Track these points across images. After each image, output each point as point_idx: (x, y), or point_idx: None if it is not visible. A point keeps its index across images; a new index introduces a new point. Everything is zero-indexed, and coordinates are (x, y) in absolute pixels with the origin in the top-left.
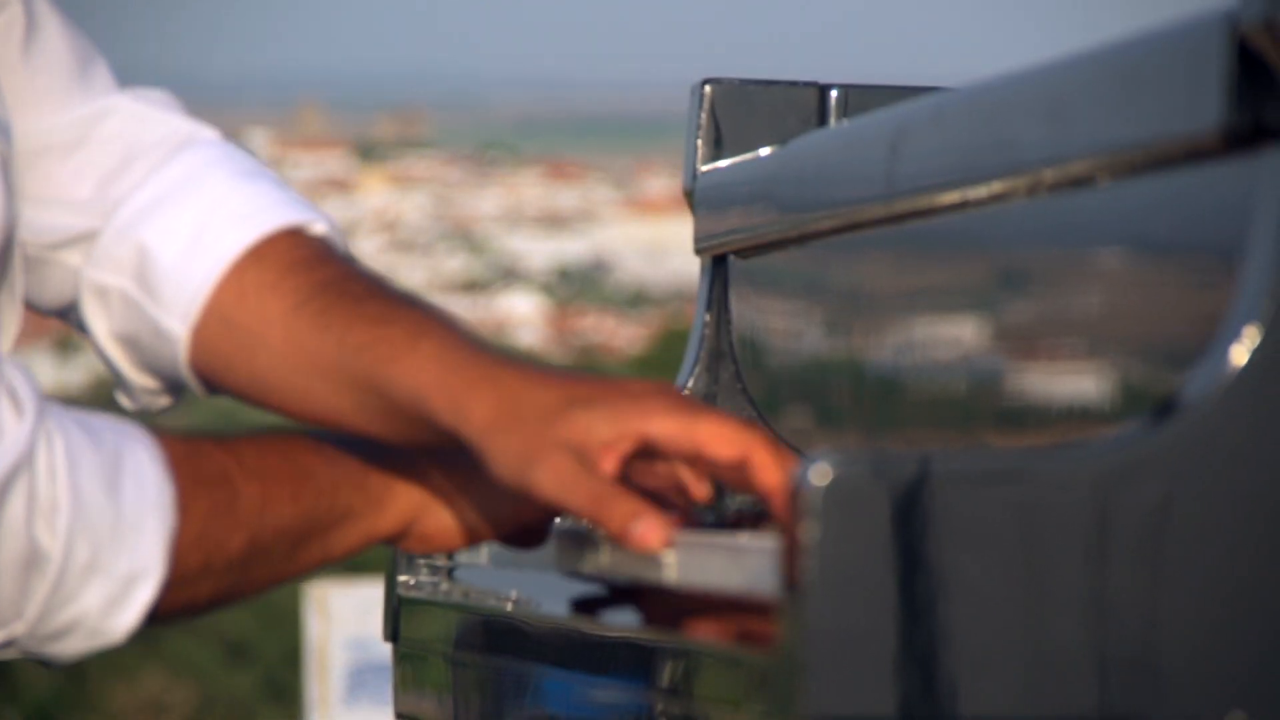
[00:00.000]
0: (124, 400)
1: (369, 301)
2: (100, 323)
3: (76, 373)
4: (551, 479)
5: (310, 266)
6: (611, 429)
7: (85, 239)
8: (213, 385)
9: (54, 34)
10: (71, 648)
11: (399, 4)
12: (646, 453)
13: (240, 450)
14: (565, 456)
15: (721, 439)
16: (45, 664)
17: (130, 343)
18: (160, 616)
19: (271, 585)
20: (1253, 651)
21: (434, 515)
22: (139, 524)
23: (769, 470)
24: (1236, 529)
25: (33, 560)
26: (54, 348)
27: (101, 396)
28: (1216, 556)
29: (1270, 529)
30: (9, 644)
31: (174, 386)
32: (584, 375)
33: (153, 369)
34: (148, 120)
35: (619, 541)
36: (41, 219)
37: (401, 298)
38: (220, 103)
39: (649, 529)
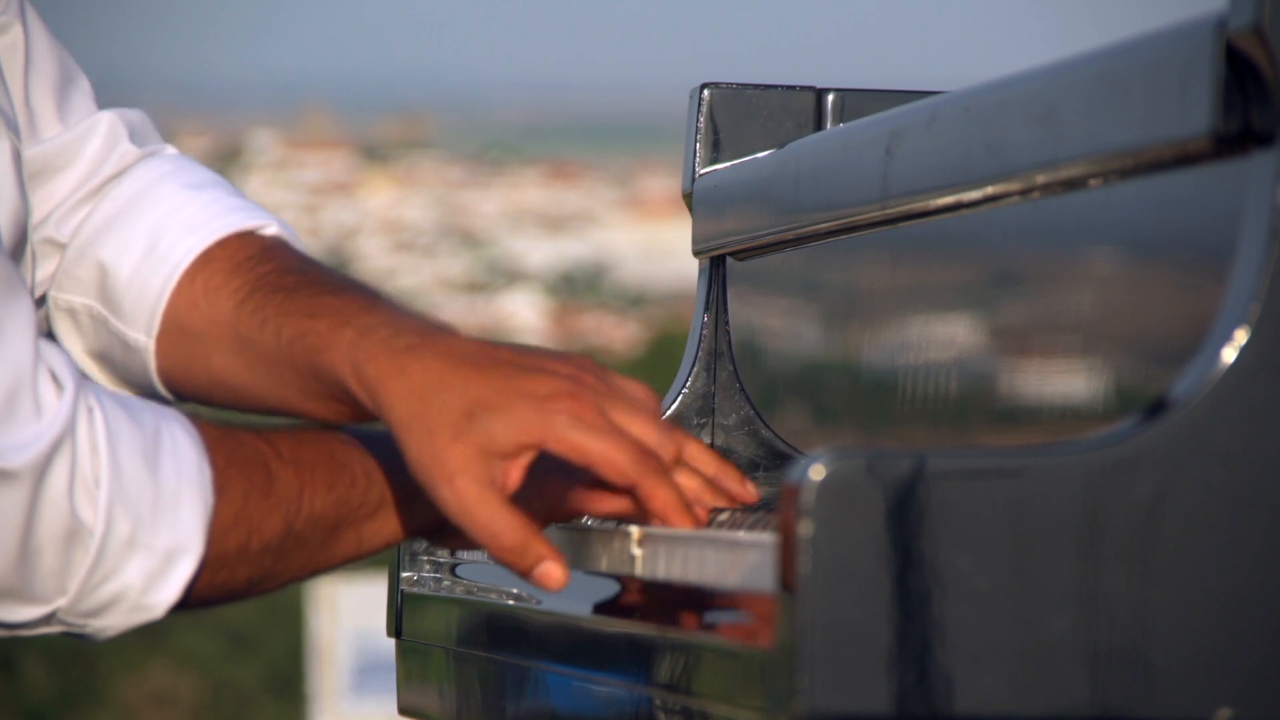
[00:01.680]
0: None
1: (299, 294)
2: (75, 342)
3: None
4: (454, 502)
5: (251, 265)
6: (511, 440)
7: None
8: (181, 392)
9: (45, 55)
10: (113, 624)
11: (403, 8)
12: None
13: (276, 440)
14: (468, 480)
15: (613, 467)
16: (85, 640)
17: (105, 359)
18: (199, 598)
19: (307, 575)
20: (1242, 648)
21: None
22: (178, 500)
23: (656, 499)
24: (1227, 527)
25: (74, 533)
26: None
27: None
28: (1207, 554)
29: (1260, 527)
30: (50, 618)
31: (152, 399)
32: (502, 356)
33: (130, 382)
34: (118, 141)
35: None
36: (39, 270)
37: (335, 285)
38: (227, 105)
39: (550, 572)
